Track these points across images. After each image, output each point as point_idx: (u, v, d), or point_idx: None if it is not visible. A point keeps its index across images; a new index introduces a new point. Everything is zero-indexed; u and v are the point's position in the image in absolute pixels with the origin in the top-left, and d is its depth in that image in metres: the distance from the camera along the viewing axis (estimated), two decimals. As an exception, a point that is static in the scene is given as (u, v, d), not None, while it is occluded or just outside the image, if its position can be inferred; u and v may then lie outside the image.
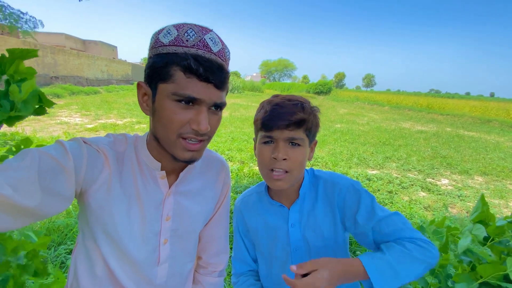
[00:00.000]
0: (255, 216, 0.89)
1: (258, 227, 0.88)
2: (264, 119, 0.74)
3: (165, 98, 0.55)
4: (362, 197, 0.76)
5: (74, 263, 0.69)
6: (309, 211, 0.82)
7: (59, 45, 22.38)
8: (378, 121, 14.24)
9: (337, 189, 0.79)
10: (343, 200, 0.78)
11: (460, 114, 18.95)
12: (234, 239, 0.97)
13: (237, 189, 3.86)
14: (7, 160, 0.47)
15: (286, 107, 0.73)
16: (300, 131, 0.73)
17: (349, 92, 42.59)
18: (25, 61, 0.66)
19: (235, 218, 0.95)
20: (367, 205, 0.75)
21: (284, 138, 0.72)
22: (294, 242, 0.82)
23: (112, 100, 14.04)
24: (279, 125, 0.72)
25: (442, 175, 5.69)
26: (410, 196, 4.34)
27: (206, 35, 0.55)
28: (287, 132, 0.72)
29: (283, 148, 0.72)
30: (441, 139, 9.93)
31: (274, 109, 0.73)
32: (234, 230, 0.96)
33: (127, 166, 0.64)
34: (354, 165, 5.82)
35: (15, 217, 0.44)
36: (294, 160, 0.73)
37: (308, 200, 0.83)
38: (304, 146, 0.75)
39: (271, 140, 0.74)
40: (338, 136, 8.85)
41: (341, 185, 0.80)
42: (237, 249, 0.95)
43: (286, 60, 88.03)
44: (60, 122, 7.87)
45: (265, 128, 0.74)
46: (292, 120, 0.71)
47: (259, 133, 0.77)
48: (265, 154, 0.75)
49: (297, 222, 0.82)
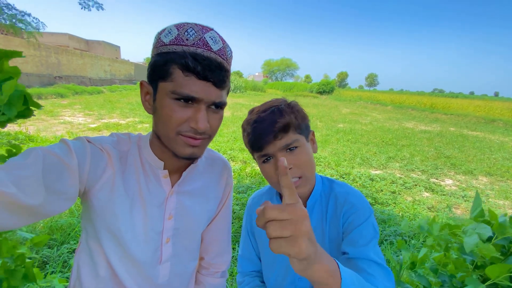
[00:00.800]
0: None
1: (263, 232, 0.87)
2: (250, 141, 0.72)
3: (165, 96, 0.56)
4: (364, 225, 0.71)
5: (77, 262, 0.69)
6: (317, 224, 0.79)
7: (62, 45, 22.53)
8: (381, 121, 14.17)
9: (347, 206, 0.75)
10: (347, 218, 0.74)
11: (464, 114, 18.81)
12: (242, 237, 0.97)
13: (239, 188, 3.86)
14: (12, 158, 0.47)
15: (265, 119, 0.70)
16: (290, 134, 0.70)
17: (352, 91, 42.44)
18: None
19: (245, 216, 0.95)
20: (363, 236, 0.69)
21: (279, 148, 0.70)
22: None
23: (115, 99, 14.11)
24: (266, 140, 0.69)
25: (446, 175, 5.65)
26: (414, 197, 4.31)
27: (206, 34, 0.55)
28: (278, 143, 0.69)
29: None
30: (444, 139, 9.86)
31: (255, 128, 0.71)
32: (243, 228, 0.96)
33: (131, 166, 0.64)
34: (356, 165, 5.79)
35: (19, 216, 0.44)
36: (300, 163, 0.71)
37: (317, 212, 0.80)
38: (302, 145, 0.73)
39: (269, 157, 0.72)
40: (340, 135, 8.82)
41: (352, 203, 0.75)
42: (244, 248, 0.95)
43: (288, 60, 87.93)
44: (63, 121, 7.92)
45: (256, 149, 0.72)
46: (277, 128, 0.68)
47: (254, 155, 0.75)
48: (270, 171, 0.72)
49: None
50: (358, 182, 4.66)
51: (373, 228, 0.71)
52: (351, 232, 0.71)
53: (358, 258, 0.65)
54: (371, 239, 0.69)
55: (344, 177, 4.90)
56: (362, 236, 0.69)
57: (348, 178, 4.84)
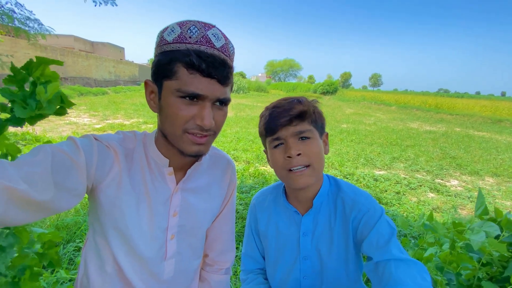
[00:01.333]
0: (267, 218, 0.88)
1: (268, 231, 0.87)
2: (266, 123, 0.74)
3: (170, 94, 0.56)
4: (378, 224, 0.70)
5: (84, 259, 0.70)
6: (324, 223, 0.79)
7: (68, 47, 22.78)
8: (385, 121, 14.08)
9: (356, 209, 0.74)
10: (358, 222, 0.73)
11: (470, 114, 18.60)
12: (246, 235, 0.97)
13: (243, 189, 3.86)
14: (21, 155, 0.49)
15: (283, 105, 0.73)
16: (305, 123, 0.72)
17: (356, 92, 42.23)
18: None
19: (249, 214, 0.95)
20: (381, 234, 0.68)
21: (292, 134, 0.71)
22: (304, 251, 0.80)
23: (119, 100, 14.23)
24: (281, 122, 0.71)
25: (452, 176, 5.59)
26: (419, 197, 4.27)
27: (208, 31, 0.56)
28: (292, 128, 0.71)
29: (294, 144, 0.71)
30: (450, 140, 9.76)
31: (273, 111, 0.74)
32: (247, 226, 0.96)
33: (136, 163, 0.65)
34: (360, 166, 5.76)
35: (28, 212, 0.45)
36: (310, 152, 0.71)
37: (325, 211, 0.79)
38: (315, 138, 0.73)
39: (280, 142, 0.73)
40: (344, 136, 8.78)
41: (361, 205, 0.74)
42: (248, 246, 0.95)
43: (291, 60, 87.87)
44: (69, 122, 8.01)
45: (270, 132, 0.73)
46: (293, 114, 0.70)
47: (267, 139, 0.76)
48: (278, 156, 0.73)
49: (309, 232, 0.80)
50: (362, 183, 4.63)
51: (388, 225, 0.71)
52: (368, 234, 0.70)
53: (384, 260, 0.64)
54: (390, 236, 0.68)
55: (347, 177, 4.88)
56: (381, 235, 0.68)
57: (352, 179, 4.81)
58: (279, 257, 0.85)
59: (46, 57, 0.69)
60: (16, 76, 0.67)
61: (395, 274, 0.59)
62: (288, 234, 0.83)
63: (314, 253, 0.80)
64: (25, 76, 0.68)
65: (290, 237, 0.82)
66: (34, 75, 0.69)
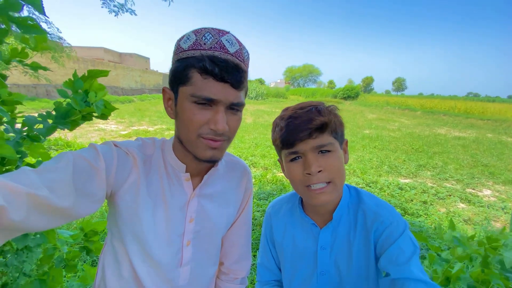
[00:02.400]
0: (283, 229, 0.84)
1: (284, 242, 0.84)
2: (282, 136, 0.68)
3: (185, 100, 0.58)
4: (401, 239, 0.65)
5: (102, 263, 0.72)
6: (343, 237, 0.74)
7: (98, 58, 24.27)
8: (410, 127, 13.49)
9: (377, 222, 0.70)
10: (380, 235, 0.69)
11: (502, 119, 17.37)
12: (261, 244, 0.94)
13: (260, 195, 3.85)
14: (45, 162, 0.51)
15: (301, 116, 0.67)
16: (325, 135, 0.66)
17: (378, 96, 41.00)
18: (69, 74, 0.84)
19: (264, 223, 0.92)
20: (402, 251, 0.63)
21: (311, 148, 0.65)
22: (322, 266, 0.76)
23: (144, 108, 14.84)
24: (300, 136, 0.65)
25: (484, 185, 5.21)
26: (448, 208, 4.02)
27: (222, 37, 0.57)
28: (312, 142, 0.65)
29: (314, 159, 0.65)
30: (481, 146, 9.15)
31: (290, 123, 0.67)
32: (262, 235, 0.94)
33: (154, 169, 0.66)
34: (384, 173, 5.54)
35: (50, 217, 0.46)
36: (331, 168, 0.66)
37: (344, 224, 0.74)
38: (336, 151, 0.68)
39: (298, 156, 0.68)
40: (366, 142, 8.51)
41: (383, 218, 0.69)
42: (264, 256, 0.92)
43: (311, 66, 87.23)
44: (97, 129, 8.48)
45: (286, 146, 0.68)
46: (313, 126, 0.64)
47: (282, 152, 0.71)
48: (296, 172, 0.68)
49: (328, 246, 0.75)
50: (386, 191, 4.45)
51: (411, 242, 0.66)
52: (388, 248, 0.65)
53: (403, 278, 0.59)
54: (411, 255, 0.63)
55: (371, 185, 4.71)
56: (402, 252, 0.63)
57: (375, 187, 4.64)
58: (296, 271, 0.82)
59: (97, 69, 0.87)
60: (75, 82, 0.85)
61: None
62: (305, 247, 0.79)
63: (333, 268, 0.76)
64: (81, 84, 0.86)
65: (307, 251, 0.79)
66: (85, 86, 0.87)
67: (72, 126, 0.88)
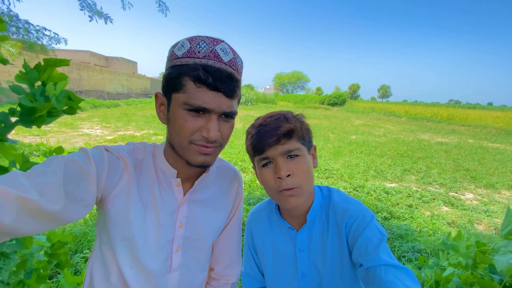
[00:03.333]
0: (263, 235, 0.86)
1: (265, 247, 0.86)
2: (253, 143, 0.72)
3: (178, 107, 0.58)
4: (367, 229, 0.70)
5: (90, 269, 0.70)
6: (318, 237, 0.78)
7: (84, 61, 23.74)
8: (395, 133, 13.87)
9: (347, 216, 0.74)
10: (349, 229, 0.73)
11: (483, 125, 18.15)
12: (244, 253, 0.94)
13: (250, 200, 3.83)
14: (35, 166, 0.50)
15: (270, 123, 0.72)
16: (293, 141, 0.71)
17: (364, 103, 42.00)
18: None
19: (245, 231, 0.93)
20: (370, 240, 0.68)
21: (280, 153, 0.70)
22: (302, 267, 0.78)
23: (131, 112, 14.58)
24: (269, 142, 0.69)
25: (466, 189, 5.40)
26: (432, 211, 4.13)
27: (217, 46, 0.57)
28: (280, 147, 0.69)
29: (284, 164, 0.69)
30: (463, 151, 9.50)
31: (260, 130, 0.72)
32: (245, 244, 0.94)
33: (145, 174, 0.66)
34: (371, 178, 5.65)
35: (40, 221, 0.45)
36: (299, 172, 0.70)
37: (318, 225, 0.78)
38: (304, 155, 0.72)
39: (269, 161, 0.72)
40: (353, 147, 8.67)
41: (351, 212, 0.74)
42: (247, 265, 0.93)
43: (299, 73, 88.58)
44: (82, 133, 8.23)
45: (258, 151, 0.72)
46: (280, 132, 0.69)
47: (255, 159, 0.75)
48: (268, 176, 0.72)
49: (305, 247, 0.79)
50: (372, 195, 4.53)
51: (378, 231, 0.71)
52: (357, 240, 0.70)
53: (374, 266, 0.64)
54: (379, 242, 0.67)
55: (358, 190, 4.78)
56: (370, 241, 0.68)
57: (362, 191, 4.71)
58: (278, 275, 0.83)
59: (54, 57, 0.74)
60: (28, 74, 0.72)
61: (384, 278, 0.60)
62: (284, 250, 0.81)
63: (312, 269, 0.78)
64: (36, 76, 0.73)
65: (287, 254, 0.81)
66: (42, 78, 0.74)
67: (38, 123, 0.79)
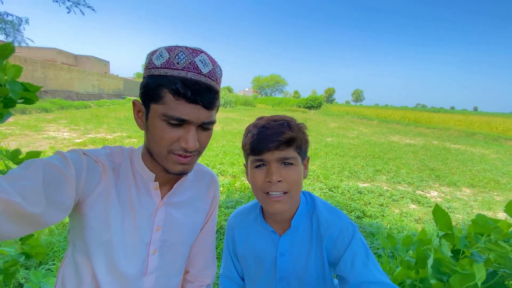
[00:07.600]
0: (245, 238, 0.86)
1: (246, 251, 0.86)
2: (252, 143, 0.72)
3: (156, 118, 0.58)
4: (353, 242, 0.71)
5: (61, 277, 0.68)
6: (301, 244, 0.78)
7: (50, 59, 22.29)
8: (367, 135, 14.51)
9: (331, 230, 0.75)
10: (334, 242, 0.74)
11: (446, 128, 19.52)
12: (224, 255, 0.95)
13: (228, 203, 3.81)
14: (12, 170, 0.49)
15: (273, 128, 0.71)
16: (291, 150, 0.71)
17: (339, 106, 43.59)
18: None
19: (226, 235, 0.93)
20: (356, 253, 0.69)
21: (276, 159, 0.70)
22: (281, 272, 0.79)
23: (102, 114, 13.90)
24: (269, 146, 0.69)
25: (431, 187, 5.78)
26: (401, 209, 4.37)
27: (196, 57, 0.57)
28: (278, 153, 0.70)
29: (277, 169, 0.70)
30: (429, 152, 10.16)
31: (261, 132, 0.71)
32: (224, 246, 0.94)
33: (123, 177, 0.65)
34: (345, 178, 5.86)
35: (20, 225, 0.45)
36: (290, 180, 0.71)
37: (302, 231, 0.79)
38: (298, 165, 0.73)
39: (263, 163, 0.72)
40: (329, 149, 8.95)
41: (335, 226, 0.75)
42: (226, 267, 0.93)
43: (277, 76, 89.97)
44: (47, 136, 7.69)
45: (255, 152, 0.72)
46: (282, 140, 0.69)
47: (249, 157, 0.75)
48: (259, 178, 0.72)
49: (287, 252, 0.79)
50: (346, 195, 4.69)
51: (362, 244, 0.72)
52: (343, 254, 0.70)
53: (367, 282, 0.63)
54: (366, 256, 0.68)
55: (333, 190, 4.94)
56: (356, 255, 0.69)
57: (337, 191, 4.87)
58: (257, 278, 0.84)
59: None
60: None
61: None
62: (265, 254, 0.82)
63: (291, 274, 0.78)
64: None
65: (268, 258, 0.81)
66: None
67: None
